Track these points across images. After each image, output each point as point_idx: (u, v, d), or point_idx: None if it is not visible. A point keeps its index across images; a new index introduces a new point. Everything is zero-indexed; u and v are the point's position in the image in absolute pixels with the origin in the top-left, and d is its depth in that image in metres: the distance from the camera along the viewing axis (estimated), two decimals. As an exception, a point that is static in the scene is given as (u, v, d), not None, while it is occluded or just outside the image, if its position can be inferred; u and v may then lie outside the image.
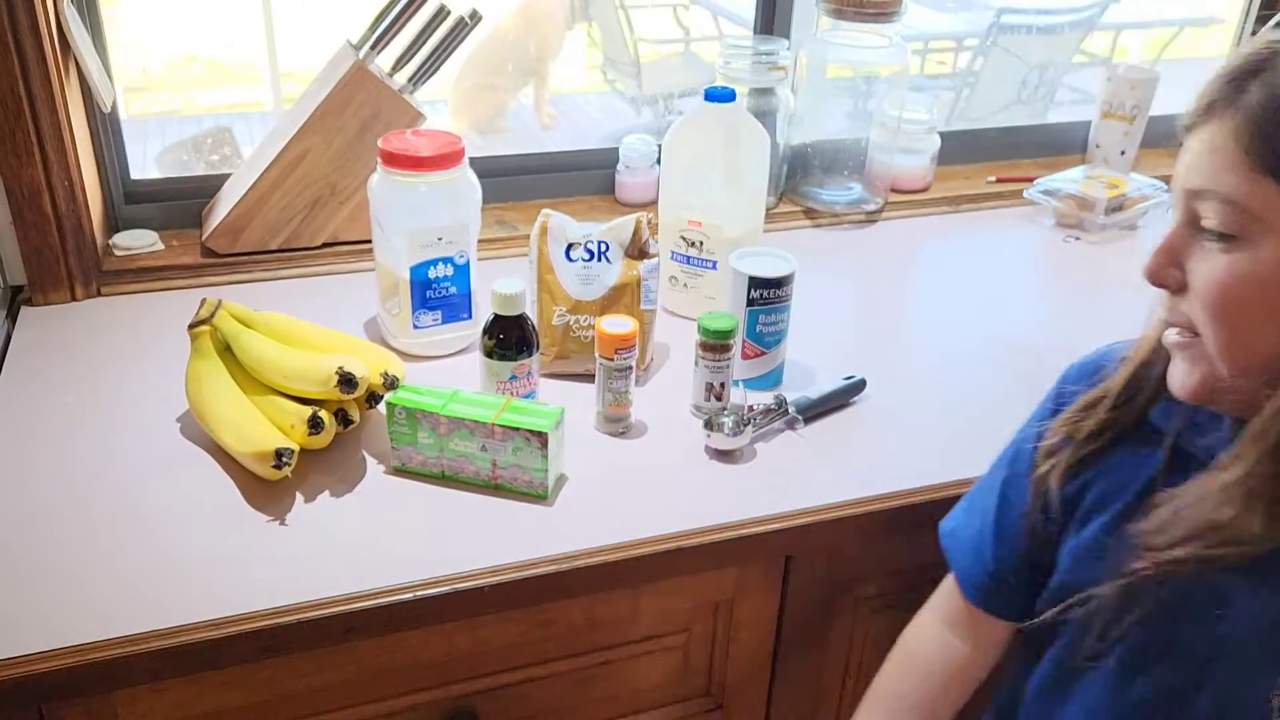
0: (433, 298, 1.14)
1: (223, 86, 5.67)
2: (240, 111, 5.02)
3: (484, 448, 0.96)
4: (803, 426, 1.08)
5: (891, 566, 1.08)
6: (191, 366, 1.02)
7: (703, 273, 1.24)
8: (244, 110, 5.06)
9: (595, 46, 4.70)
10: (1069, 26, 3.78)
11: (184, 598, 0.84)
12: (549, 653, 0.98)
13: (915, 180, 1.64)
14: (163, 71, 5.59)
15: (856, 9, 1.43)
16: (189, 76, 5.69)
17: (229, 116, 4.89)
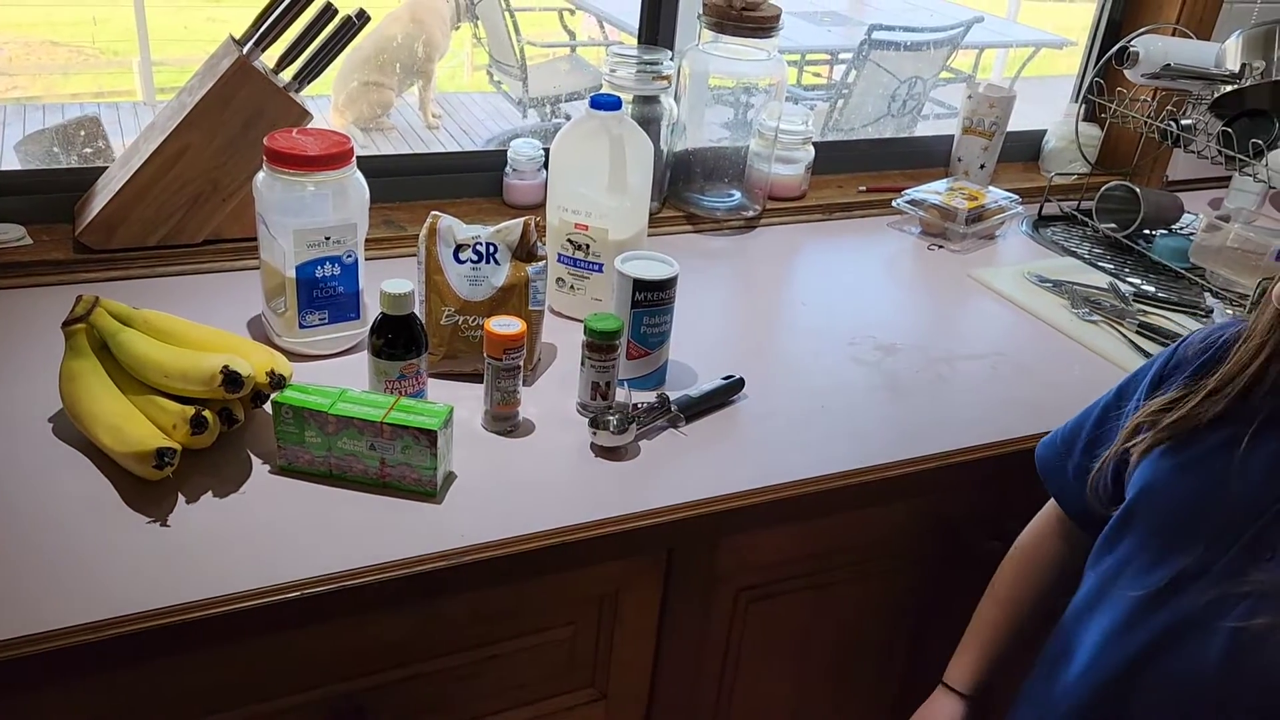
0: (319, 297, 1.14)
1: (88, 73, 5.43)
2: (109, 101, 4.81)
3: (372, 446, 0.97)
4: (684, 424, 1.13)
5: (768, 558, 1.13)
6: (66, 365, 1.00)
7: (589, 275, 1.28)
8: (113, 100, 4.85)
9: (481, 47, 4.68)
10: (935, 44, 3.97)
11: (60, 601, 0.82)
12: (436, 648, 1.00)
13: (791, 188, 1.71)
14: (22, 56, 5.31)
15: (736, 23, 1.49)
16: (52, 62, 5.42)
17: (96, 105, 4.68)
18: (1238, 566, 0.80)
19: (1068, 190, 1.83)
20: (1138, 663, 0.84)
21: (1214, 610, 0.80)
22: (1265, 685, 0.77)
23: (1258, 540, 0.79)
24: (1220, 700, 0.80)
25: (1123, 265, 1.63)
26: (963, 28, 4.02)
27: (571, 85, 4.19)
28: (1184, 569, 0.83)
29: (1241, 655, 0.79)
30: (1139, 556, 0.87)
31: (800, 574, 1.16)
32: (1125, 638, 0.86)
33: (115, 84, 5.30)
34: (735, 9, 1.49)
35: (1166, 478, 0.87)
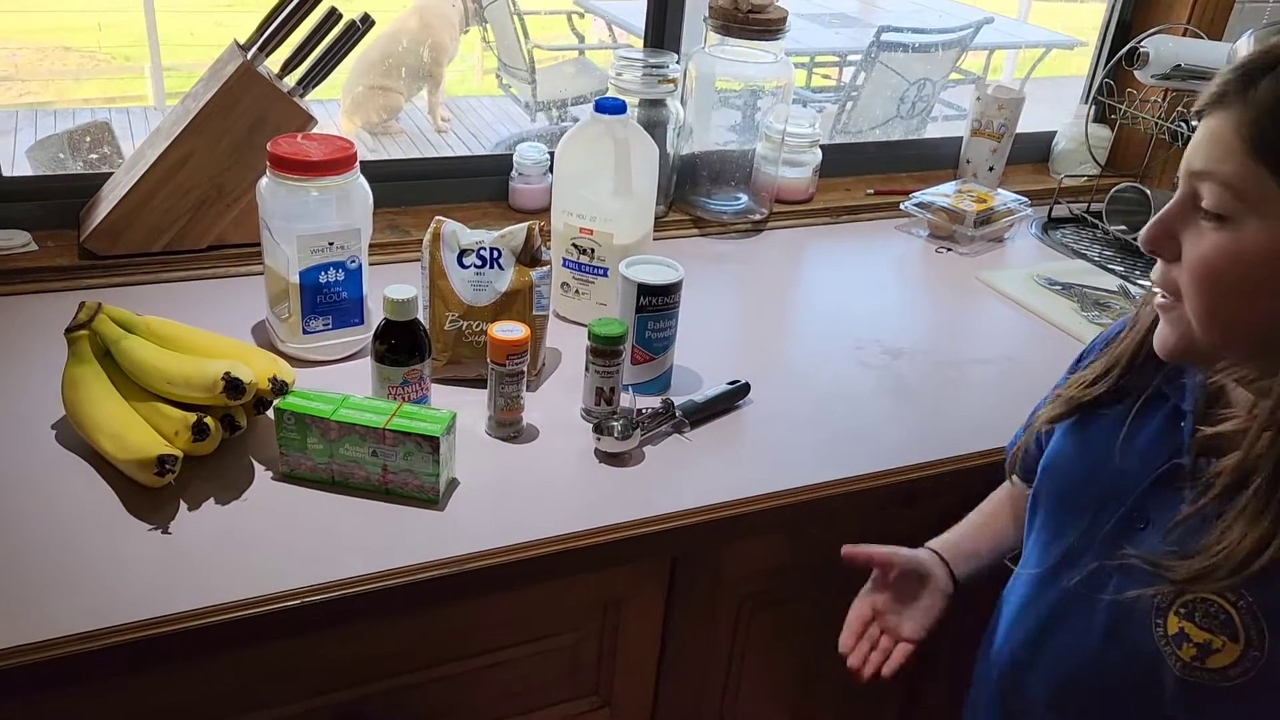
0: (323, 302, 1.14)
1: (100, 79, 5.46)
2: (121, 106, 4.84)
3: (375, 453, 0.96)
4: (689, 430, 1.12)
5: (774, 565, 1.12)
6: (68, 372, 0.99)
7: (594, 280, 1.27)
8: (124, 105, 4.87)
9: (490, 51, 4.69)
10: (944, 46, 3.95)
11: (60, 609, 0.82)
12: (439, 656, 0.99)
13: (798, 191, 1.70)
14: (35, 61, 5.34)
15: (742, 26, 1.48)
16: (64, 67, 5.45)
17: (107, 110, 4.71)
18: (1114, 540, 0.82)
19: (1077, 192, 1.82)
20: (1036, 639, 0.87)
21: (1094, 584, 0.82)
22: (1135, 658, 0.78)
23: (1132, 512, 0.81)
24: (1099, 673, 0.82)
25: (1133, 268, 1.62)
26: (972, 29, 4.00)
27: (580, 88, 4.18)
28: (1072, 545, 0.86)
29: (1115, 628, 0.80)
30: (1041, 534, 0.90)
31: (806, 581, 1.15)
32: (1027, 614, 0.89)
33: (127, 89, 5.33)
34: (742, 11, 1.48)
35: (1064, 456, 0.90)
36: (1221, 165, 0.69)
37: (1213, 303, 0.73)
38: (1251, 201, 0.68)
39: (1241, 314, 0.72)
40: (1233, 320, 0.73)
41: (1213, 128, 0.71)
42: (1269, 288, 0.69)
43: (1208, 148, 0.71)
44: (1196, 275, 0.72)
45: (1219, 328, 0.73)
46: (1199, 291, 0.73)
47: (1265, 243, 0.68)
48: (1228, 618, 0.72)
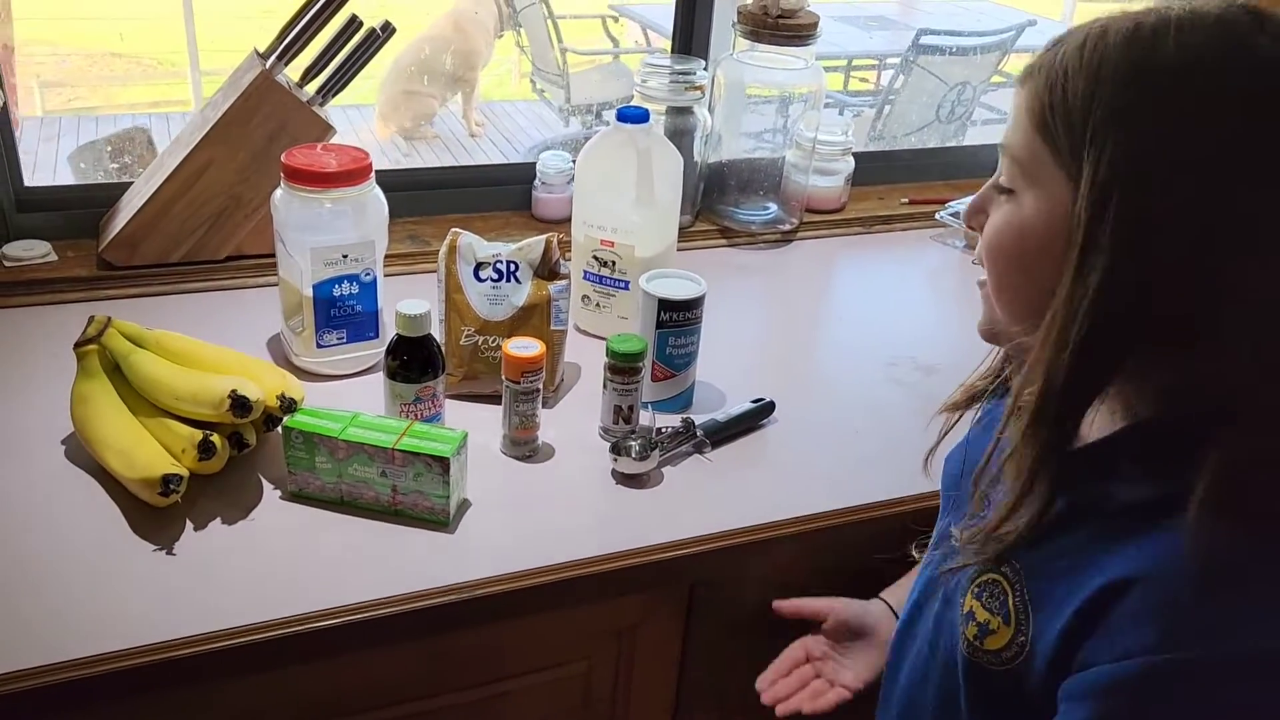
0: (337, 316, 1.12)
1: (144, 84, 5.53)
2: (164, 111, 4.90)
3: (384, 473, 0.94)
4: (710, 450, 1.08)
5: (799, 592, 1.08)
6: (77, 387, 0.98)
7: (615, 293, 1.24)
8: (168, 110, 4.93)
9: (525, 55, 4.68)
10: (985, 49, 3.88)
11: (56, 633, 0.80)
12: (447, 684, 0.96)
13: (830, 201, 1.66)
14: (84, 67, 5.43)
15: (772, 31, 1.44)
16: (111, 73, 5.53)
17: (150, 116, 4.76)
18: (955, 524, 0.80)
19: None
20: (908, 624, 0.87)
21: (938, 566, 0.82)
22: (950, 637, 0.77)
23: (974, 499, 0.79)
24: (931, 654, 0.80)
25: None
26: (1014, 31, 3.92)
27: (613, 93, 4.16)
28: (940, 532, 0.87)
29: (943, 609, 0.80)
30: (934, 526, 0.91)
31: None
32: (910, 603, 0.88)
33: (170, 94, 5.40)
34: (771, 17, 1.44)
35: (955, 447, 0.90)
36: (1012, 138, 0.68)
37: (997, 276, 0.72)
38: (1031, 174, 0.67)
39: (1020, 286, 0.70)
40: (1014, 293, 0.71)
41: (1015, 103, 0.70)
42: (1042, 260, 0.67)
43: (1010, 122, 0.70)
44: (985, 248, 0.72)
45: (1004, 302, 0.72)
46: (987, 264, 0.72)
47: (1040, 213, 0.67)
48: (1004, 599, 0.71)
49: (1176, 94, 0.61)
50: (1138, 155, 0.61)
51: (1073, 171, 0.63)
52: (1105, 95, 0.62)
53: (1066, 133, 0.64)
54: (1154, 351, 0.65)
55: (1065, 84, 0.64)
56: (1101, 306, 0.62)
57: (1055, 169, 0.65)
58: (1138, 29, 0.63)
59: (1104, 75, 0.62)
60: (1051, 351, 0.65)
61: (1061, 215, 0.64)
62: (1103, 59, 0.63)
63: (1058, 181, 0.65)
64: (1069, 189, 0.64)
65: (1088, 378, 0.65)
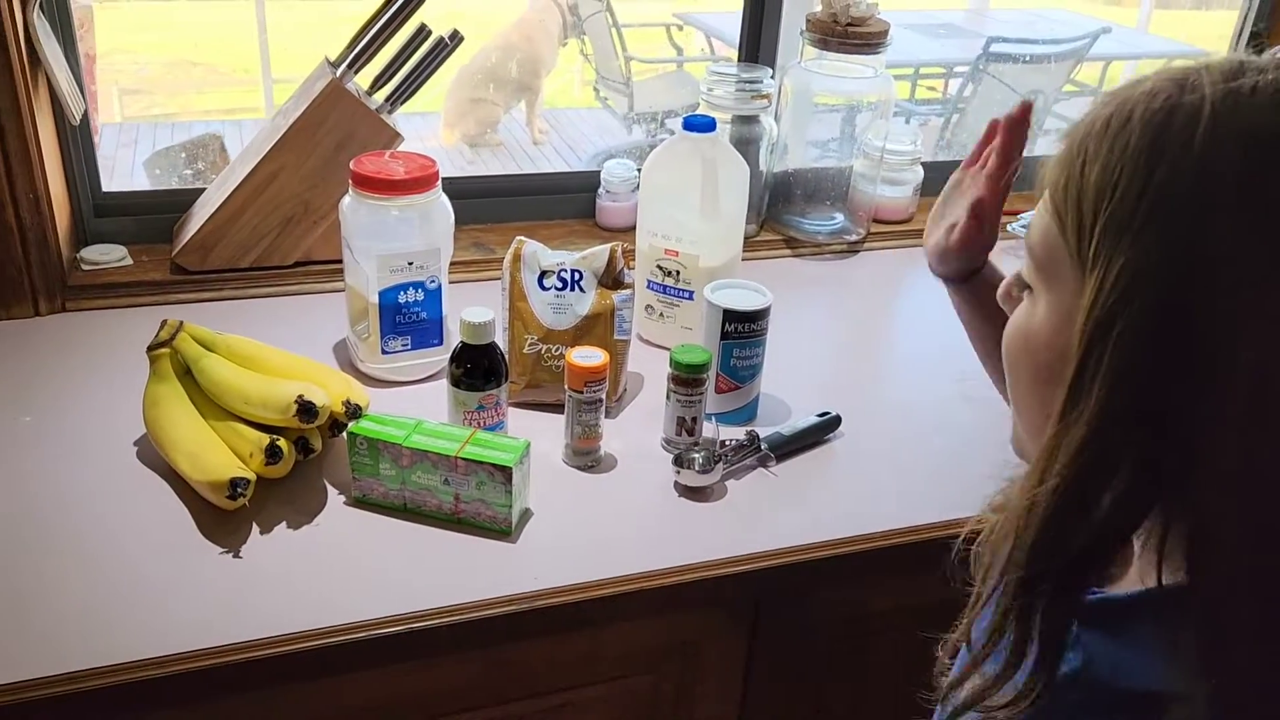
0: (402, 322, 1.12)
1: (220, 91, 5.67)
2: (236, 118, 5.01)
3: (446, 481, 0.94)
4: (775, 464, 1.06)
5: (864, 611, 1.06)
6: (149, 390, 1.00)
7: (679, 303, 1.23)
8: (241, 116, 5.05)
9: (589, 63, 4.70)
10: (1058, 57, 3.80)
11: (128, 633, 0.81)
12: (507, 694, 0.96)
13: (898, 211, 1.63)
14: (161, 75, 5.57)
15: (841, 39, 1.42)
16: (188, 80, 5.68)
17: (224, 123, 4.88)
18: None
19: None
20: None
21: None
22: None
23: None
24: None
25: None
26: (1088, 39, 3.84)
27: (676, 101, 4.16)
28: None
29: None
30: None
31: (900, 630, 1.08)
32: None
33: (244, 101, 5.52)
34: (841, 24, 1.42)
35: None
36: (1035, 221, 0.57)
37: (1011, 385, 0.61)
38: (1046, 270, 0.55)
39: (1033, 401, 0.59)
40: (1028, 408, 0.60)
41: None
42: (1051, 380, 0.54)
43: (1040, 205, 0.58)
44: (1004, 352, 0.61)
45: (1020, 416, 0.61)
46: (1006, 371, 0.61)
47: (1049, 323, 0.55)
48: None
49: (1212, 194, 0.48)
50: (1154, 271, 0.49)
51: (1081, 280, 0.52)
52: (1123, 189, 0.50)
53: (1075, 228, 0.52)
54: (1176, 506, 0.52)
55: (1083, 164, 0.52)
56: (1089, 458, 0.51)
57: (1069, 268, 0.53)
58: (1171, 107, 0.50)
59: (1124, 161, 0.50)
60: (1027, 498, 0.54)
61: (1069, 328, 0.52)
62: (1126, 141, 0.51)
63: (1071, 286, 0.53)
64: (1077, 298, 0.52)
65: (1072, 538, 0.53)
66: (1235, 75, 0.50)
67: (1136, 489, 0.51)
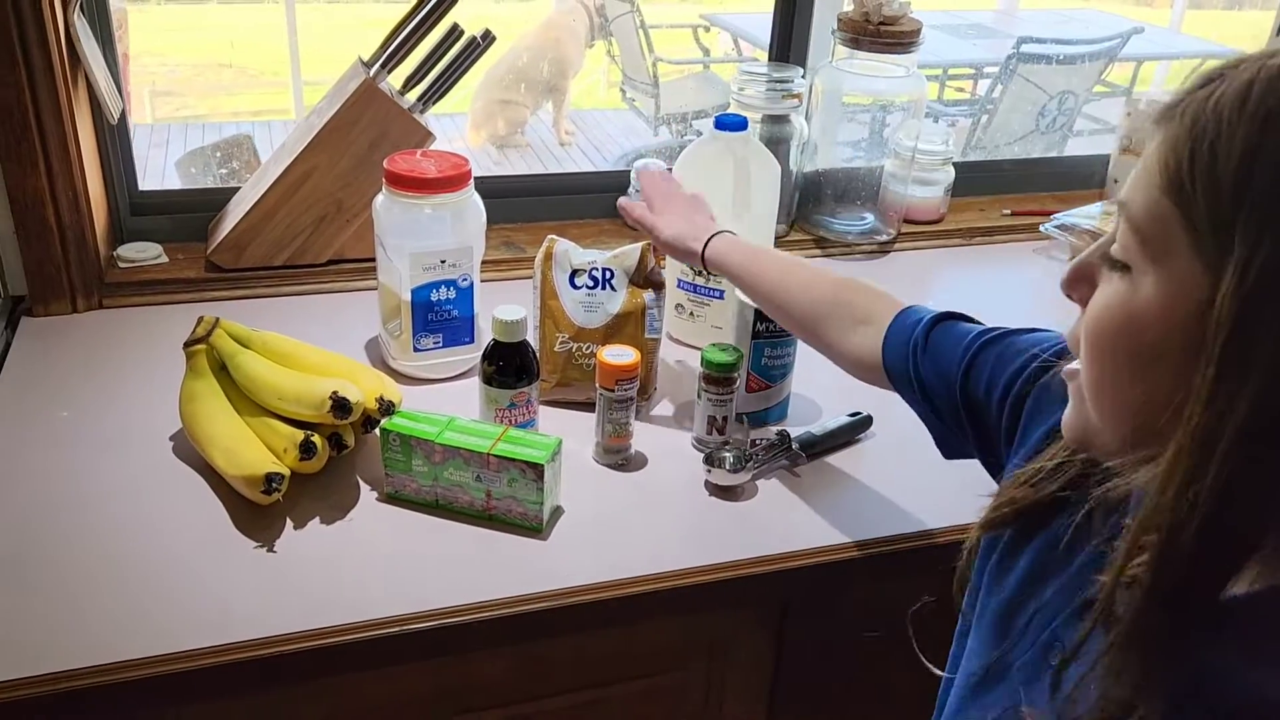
0: (434, 320, 1.13)
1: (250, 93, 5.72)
2: (266, 119, 5.06)
3: (478, 478, 0.94)
4: (806, 464, 1.06)
5: (895, 612, 1.05)
6: (186, 386, 1.01)
7: (709, 302, 1.23)
8: (270, 118, 5.09)
9: (615, 64, 4.70)
10: (1090, 57, 3.76)
11: (163, 626, 0.82)
12: (537, 690, 0.96)
13: (929, 211, 1.62)
14: (191, 76, 5.63)
15: (873, 39, 1.42)
16: (218, 82, 5.74)
17: (254, 124, 4.93)
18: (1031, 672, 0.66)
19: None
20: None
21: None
22: None
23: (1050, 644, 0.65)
24: None
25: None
26: (1120, 39, 3.80)
27: (703, 102, 4.15)
28: (991, 668, 0.70)
29: None
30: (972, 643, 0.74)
31: (930, 630, 1.08)
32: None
33: (274, 103, 5.57)
34: (873, 24, 1.42)
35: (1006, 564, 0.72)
36: (1134, 196, 0.54)
37: (1098, 371, 0.57)
38: (1155, 249, 0.52)
39: (1126, 389, 0.55)
40: (1117, 396, 0.56)
41: (1147, 150, 0.55)
42: (1159, 362, 0.52)
43: (1136, 174, 0.55)
44: (1087, 333, 0.57)
45: (1104, 406, 0.57)
46: (1086, 354, 0.57)
47: (1162, 303, 0.52)
48: None
49: None
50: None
51: (1212, 256, 0.49)
52: (1274, 161, 0.47)
53: (1211, 203, 0.49)
54: None
55: (1217, 139, 0.49)
56: (1248, 446, 0.48)
57: (1188, 248, 0.50)
58: None
59: (1273, 131, 0.48)
60: (1173, 503, 0.50)
61: (1192, 311, 0.50)
62: (1274, 110, 0.48)
63: (1191, 265, 0.50)
64: (1205, 277, 0.49)
65: (1228, 542, 0.50)
66: None
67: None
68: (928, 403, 0.87)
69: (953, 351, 0.84)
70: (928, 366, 0.86)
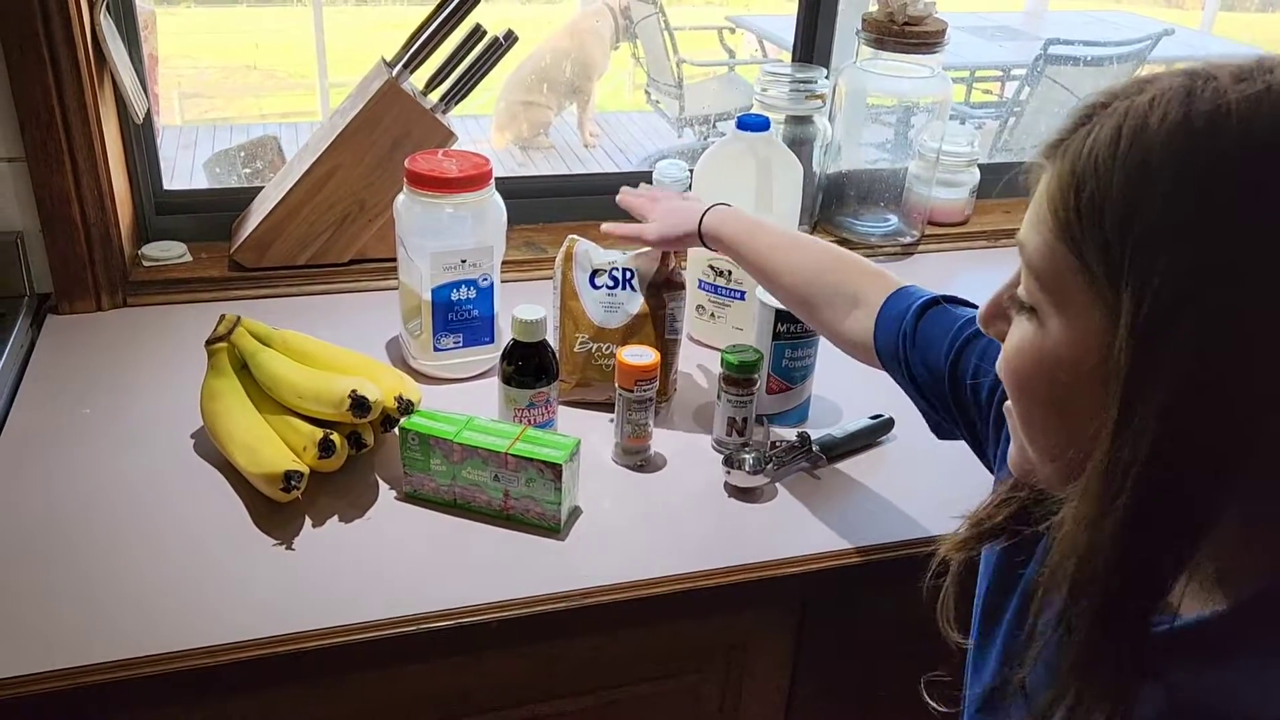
0: (454, 320, 1.13)
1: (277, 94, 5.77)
2: (292, 121, 5.10)
3: (497, 477, 0.94)
4: (826, 466, 1.05)
5: (914, 616, 1.04)
6: (207, 384, 1.01)
7: (730, 302, 1.22)
8: (296, 120, 5.13)
9: (640, 66, 4.70)
10: (1119, 59, 3.72)
11: (182, 622, 0.82)
12: (555, 690, 0.96)
13: (953, 213, 1.60)
14: (219, 79, 5.69)
15: (898, 39, 1.40)
16: (245, 84, 5.79)
17: (280, 125, 4.97)
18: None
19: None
20: None
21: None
22: None
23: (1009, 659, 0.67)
24: None
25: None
26: (1150, 41, 3.76)
27: (727, 104, 4.14)
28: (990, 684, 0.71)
29: None
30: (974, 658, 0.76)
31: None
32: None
33: (300, 104, 5.61)
34: (898, 24, 1.41)
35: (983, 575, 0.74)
36: (1030, 238, 0.54)
37: (1022, 410, 0.58)
38: (1055, 293, 0.53)
39: (1050, 423, 0.56)
40: (1043, 431, 0.57)
41: (1038, 189, 0.55)
42: (1076, 395, 0.53)
43: (1030, 212, 0.55)
44: (1006, 374, 0.58)
45: (1033, 440, 0.58)
46: (1011, 394, 0.58)
47: (1069, 344, 0.53)
48: None
49: (1250, 198, 0.47)
50: (1199, 280, 0.47)
51: (1108, 298, 0.50)
52: (1151, 205, 0.48)
53: (1099, 250, 0.50)
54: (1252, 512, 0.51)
55: (1096, 186, 0.50)
56: (1154, 481, 0.49)
57: (1085, 292, 0.51)
58: (1188, 117, 0.48)
59: (1147, 178, 0.49)
60: (1087, 538, 0.51)
61: (1097, 352, 0.51)
62: (1145, 157, 0.49)
63: (1090, 308, 0.51)
64: (1105, 320, 0.50)
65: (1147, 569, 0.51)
66: (1246, 77, 0.49)
67: (1211, 495, 0.50)
68: (917, 389, 0.87)
69: (939, 342, 0.84)
70: (916, 355, 0.86)
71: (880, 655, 1.05)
